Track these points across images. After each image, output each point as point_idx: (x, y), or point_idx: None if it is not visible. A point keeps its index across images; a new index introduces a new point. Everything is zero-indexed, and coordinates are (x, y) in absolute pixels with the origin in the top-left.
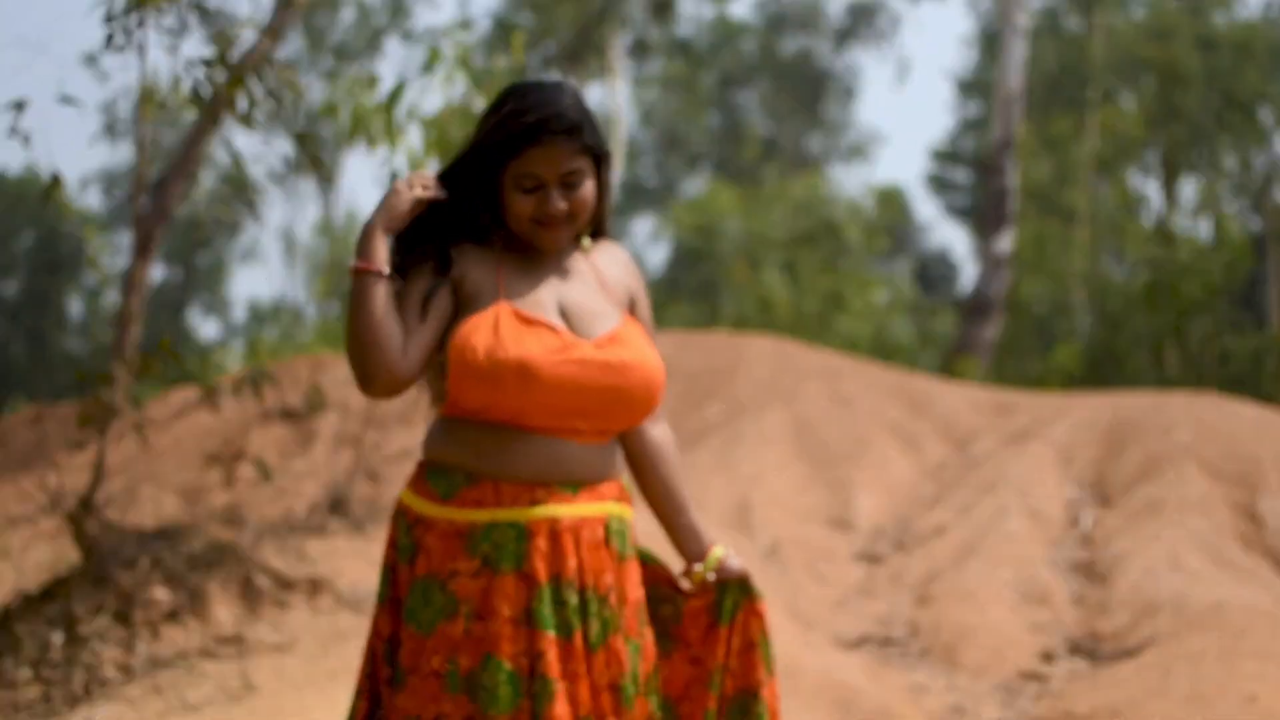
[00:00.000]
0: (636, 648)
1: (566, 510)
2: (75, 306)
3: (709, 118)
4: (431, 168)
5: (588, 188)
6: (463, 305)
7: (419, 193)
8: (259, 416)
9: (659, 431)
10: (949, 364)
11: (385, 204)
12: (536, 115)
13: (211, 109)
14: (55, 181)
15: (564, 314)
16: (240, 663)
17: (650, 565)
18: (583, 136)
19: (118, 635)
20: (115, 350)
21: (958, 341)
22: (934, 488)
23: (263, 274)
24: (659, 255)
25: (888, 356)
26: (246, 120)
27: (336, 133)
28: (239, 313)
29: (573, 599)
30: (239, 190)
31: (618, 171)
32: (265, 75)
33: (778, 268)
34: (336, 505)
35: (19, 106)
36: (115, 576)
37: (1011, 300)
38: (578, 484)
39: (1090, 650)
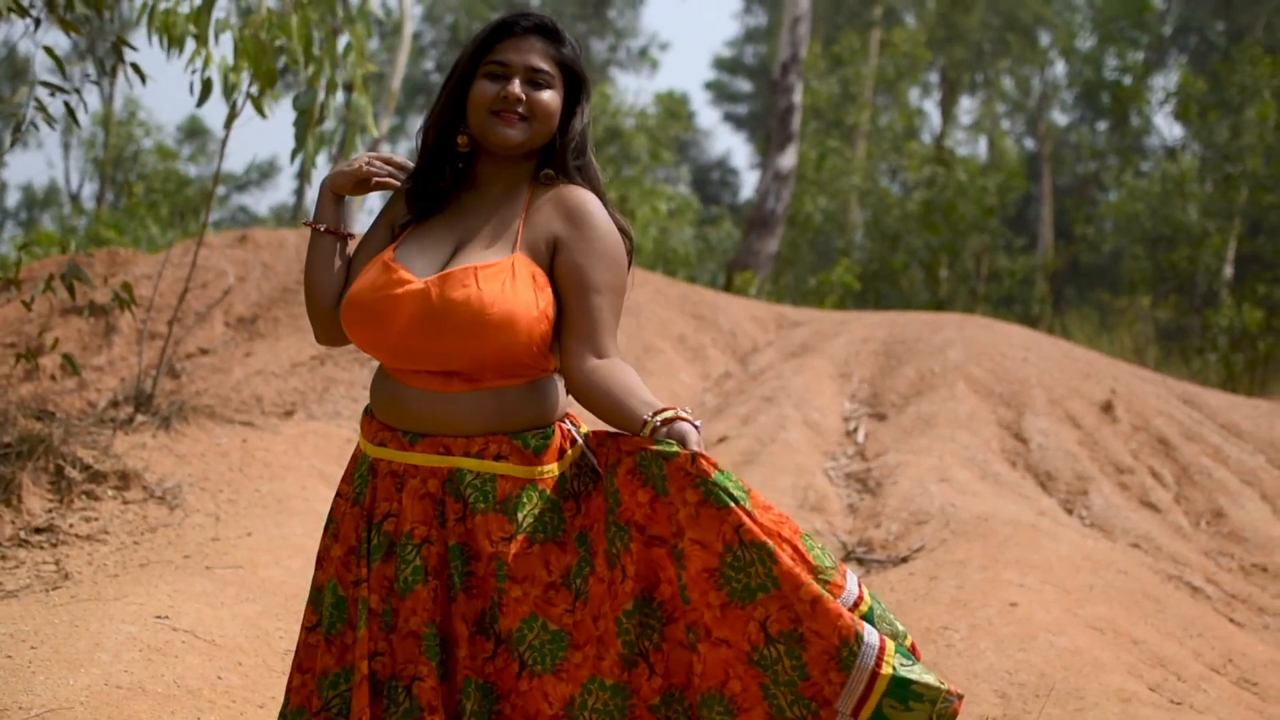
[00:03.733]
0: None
1: (397, 455)
2: None
3: (492, 17)
4: (244, 79)
5: (551, 96)
6: None
7: (370, 169)
8: (58, 309)
9: (584, 372)
10: (729, 277)
11: (338, 170)
12: (514, 13)
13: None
14: None
15: (453, 258)
16: (54, 551)
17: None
18: (559, 46)
19: None
20: None
21: (739, 254)
22: (717, 398)
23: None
24: None
25: (670, 265)
26: (69, 26)
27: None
28: (11, 198)
29: (375, 540)
30: (54, 91)
31: (400, 67)
32: None
33: None
34: (141, 400)
35: None
36: None
37: (792, 215)
38: (415, 434)
39: (863, 557)
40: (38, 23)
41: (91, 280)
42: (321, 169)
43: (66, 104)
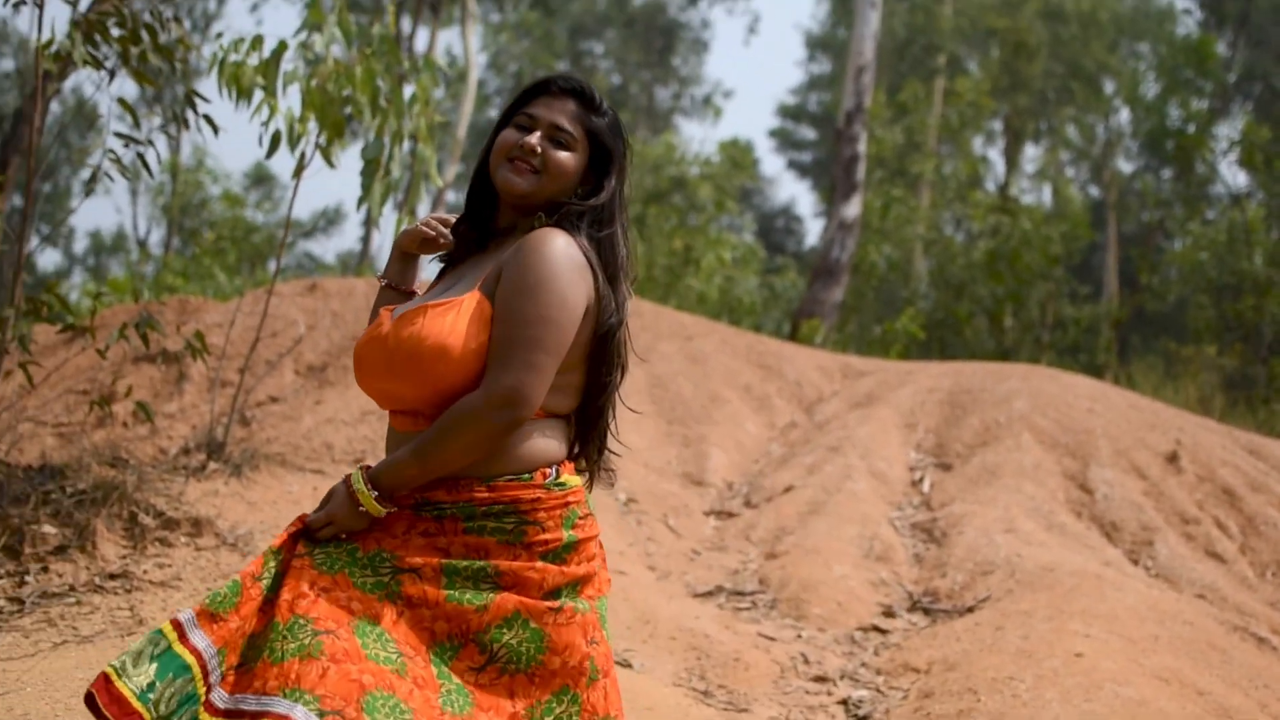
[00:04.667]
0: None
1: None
2: None
3: (558, 66)
4: (311, 129)
5: (569, 157)
6: None
7: (424, 230)
8: (130, 356)
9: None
10: (795, 326)
11: (405, 229)
12: (558, 74)
13: (98, 63)
14: None
15: None
16: (128, 597)
17: None
18: (590, 112)
19: (8, 568)
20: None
21: (804, 303)
22: (783, 448)
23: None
24: None
25: (736, 314)
26: (141, 78)
27: (189, 79)
28: (80, 243)
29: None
30: (128, 143)
31: (466, 115)
32: (157, 33)
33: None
34: (213, 448)
35: None
36: (4, 511)
37: (857, 264)
38: None
39: (928, 607)
40: (112, 74)
41: (164, 328)
42: (388, 217)
43: (139, 154)
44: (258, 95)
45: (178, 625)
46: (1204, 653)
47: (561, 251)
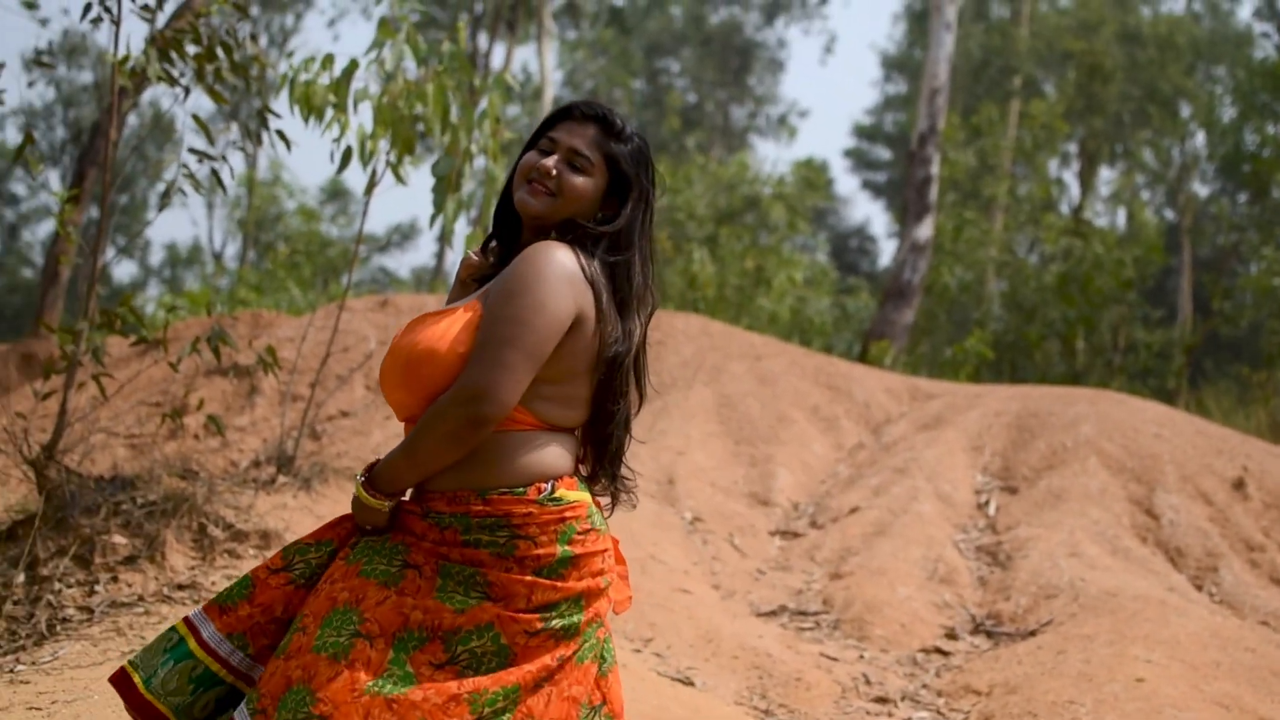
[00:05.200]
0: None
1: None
2: None
3: (634, 84)
4: (382, 146)
5: (584, 181)
6: None
7: (477, 259)
8: (203, 370)
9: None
10: (865, 347)
11: (462, 260)
12: (582, 100)
13: (171, 79)
14: (28, 138)
15: None
16: (196, 608)
17: None
18: (610, 138)
19: (78, 577)
20: (83, 304)
21: (875, 324)
22: (849, 469)
23: (178, 217)
24: None
25: (807, 335)
26: (216, 95)
27: (278, 98)
28: (156, 255)
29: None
30: (202, 158)
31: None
32: (233, 50)
33: (701, 243)
34: (283, 461)
35: None
36: (76, 521)
37: (929, 285)
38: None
39: (991, 629)
40: (187, 91)
41: (236, 343)
42: (460, 233)
43: (214, 170)
44: (329, 113)
45: (188, 621)
46: (1266, 680)
47: (552, 260)
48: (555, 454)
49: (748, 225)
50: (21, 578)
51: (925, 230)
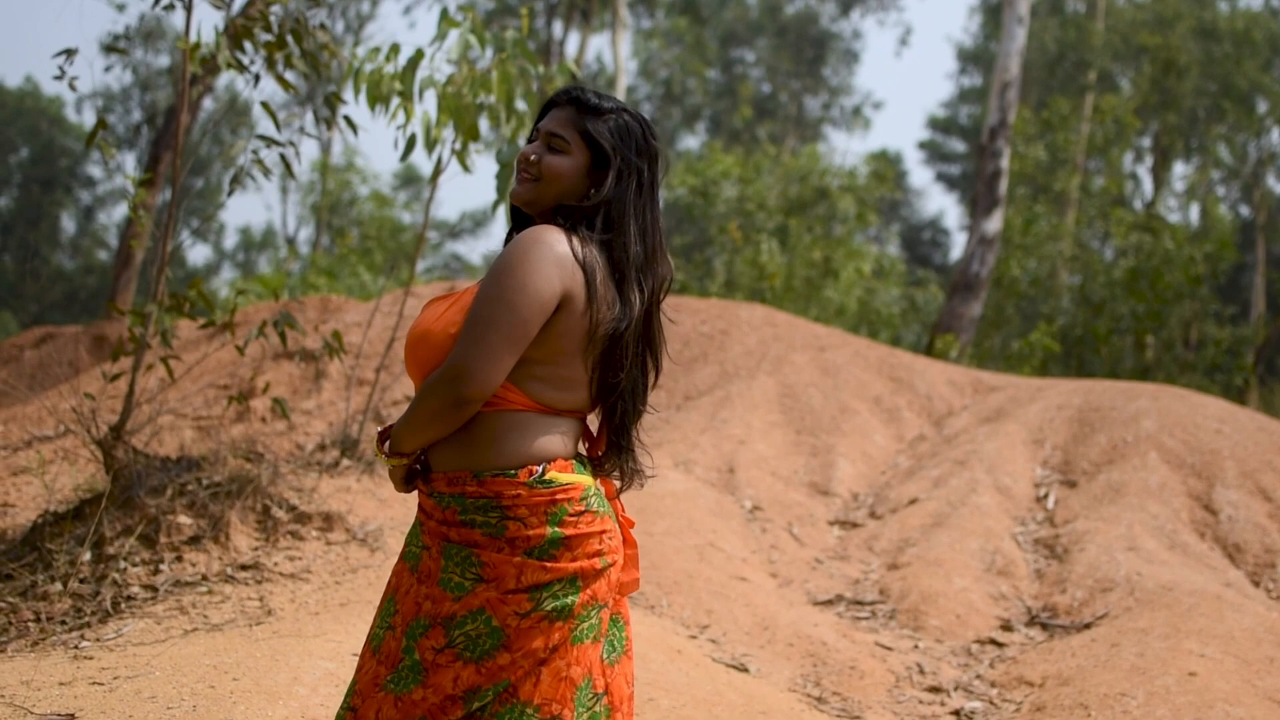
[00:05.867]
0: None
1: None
2: (67, 223)
3: (709, 74)
4: (447, 133)
5: (563, 161)
6: None
7: None
8: (270, 353)
9: None
10: (931, 339)
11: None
12: (565, 88)
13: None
14: (100, 123)
15: None
16: (259, 588)
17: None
18: (588, 117)
19: (143, 556)
20: (151, 287)
21: (942, 317)
22: (910, 460)
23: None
24: None
25: (874, 326)
26: (285, 83)
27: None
28: (230, 239)
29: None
30: (270, 144)
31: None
32: (304, 39)
33: (769, 233)
34: (347, 445)
35: (69, 54)
36: (142, 501)
37: (998, 279)
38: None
39: (1046, 622)
40: (257, 79)
41: (302, 327)
42: None
43: (282, 156)
44: (394, 101)
45: None
46: None
47: (539, 242)
48: (549, 438)
49: (818, 216)
50: (88, 556)
51: (994, 224)
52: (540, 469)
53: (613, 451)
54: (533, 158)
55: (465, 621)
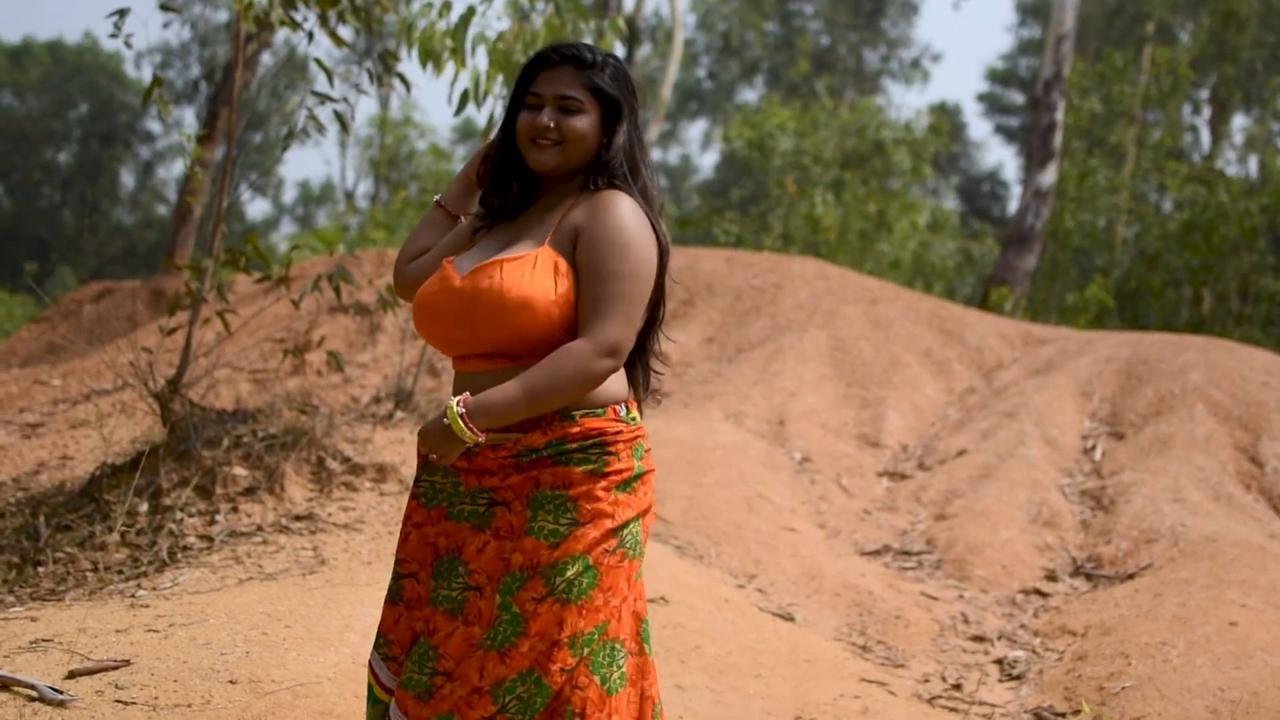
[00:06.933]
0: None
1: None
2: (126, 178)
3: (767, 26)
4: (497, 87)
5: (583, 120)
6: None
7: (477, 164)
8: (326, 307)
9: (558, 349)
10: (985, 292)
11: (471, 158)
12: (552, 45)
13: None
14: (156, 81)
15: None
16: (313, 538)
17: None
18: (590, 72)
19: (199, 507)
20: (207, 242)
21: (996, 270)
22: (959, 412)
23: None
24: (709, 160)
25: (928, 279)
26: (338, 39)
27: (399, 45)
28: (289, 193)
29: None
30: (324, 100)
31: (672, 74)
32: None
33: (825, 186)
34: (401, 398)
35: (121, 14)
36: (198, 453)
37: (1052, 231)
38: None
39: (1090, 572)
40: (310, 35)
41: (358, 282)
42: None
43: (336, 113)
44: (445, 58)
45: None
46: None
47: (635, 212)
48: (620, 378)
49: (874, 170)
50: (145, 506)
51: (1049, 176)
52: (623, 407)
53: (639, 379)
54: (551, 123)
55: (566, 566)
